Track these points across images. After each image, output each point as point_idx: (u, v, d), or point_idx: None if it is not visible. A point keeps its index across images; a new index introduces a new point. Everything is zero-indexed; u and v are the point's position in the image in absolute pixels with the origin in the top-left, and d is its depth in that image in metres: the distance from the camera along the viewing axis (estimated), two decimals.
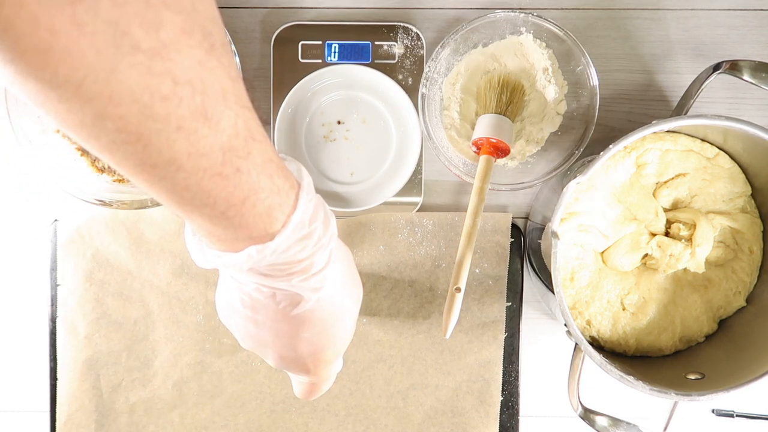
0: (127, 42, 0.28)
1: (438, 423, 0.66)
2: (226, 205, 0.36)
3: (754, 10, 0.66)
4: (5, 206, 0.67)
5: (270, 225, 0.39)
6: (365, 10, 0.66)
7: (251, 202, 0.37)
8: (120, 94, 0.29)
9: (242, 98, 0.35)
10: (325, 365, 0.48)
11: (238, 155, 0.35)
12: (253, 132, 0.36)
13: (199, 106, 0.32)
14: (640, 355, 0.63)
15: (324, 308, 0.45)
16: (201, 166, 0.34)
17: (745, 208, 0.62)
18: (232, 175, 0.35)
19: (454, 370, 0.66)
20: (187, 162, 0.33)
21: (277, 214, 0.39)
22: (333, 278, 0.45)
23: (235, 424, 0.66)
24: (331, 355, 0.48)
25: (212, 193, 0.35)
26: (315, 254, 0.42)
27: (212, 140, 0.33)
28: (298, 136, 0.66)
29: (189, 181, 0.34)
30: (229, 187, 0.36)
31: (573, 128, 0.65)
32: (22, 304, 0.68)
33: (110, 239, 0.66)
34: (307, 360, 0.47)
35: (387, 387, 0.67)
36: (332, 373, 0.51)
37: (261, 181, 0.37)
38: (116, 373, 0.66)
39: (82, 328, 0.66)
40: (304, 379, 0.50)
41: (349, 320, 0.49)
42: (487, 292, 0.66)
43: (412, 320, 0.66)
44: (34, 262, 0.67)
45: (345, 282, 0.47)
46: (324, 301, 0.45)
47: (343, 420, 0.67)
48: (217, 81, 0.33)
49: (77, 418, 0.66)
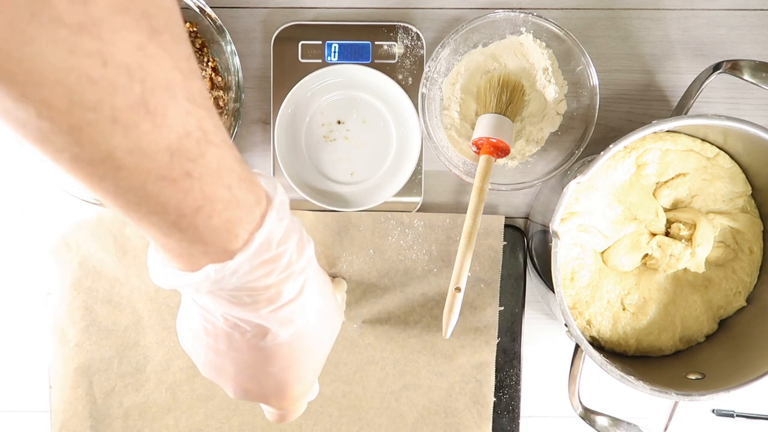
0: (48, 13, 0.25)
1: (431, 423, 0.66)
2: (176, 215, 0.33)
3: (754, 10, 0.66)
4: (5, 206, 0.67)
5: (229, 241, 0.35)
6: (365, 10, 0.66)
7: (206, 212, 0.34)
8: (40, 73, 0.26)
9: (196, 95, 0.32)
10: (292, 401, 0.44)
11: (189, 157, 0.32)
12: (209, 134, 0.33)
13: (138, 96, 0.29)
14: (640, 355, 0.63)
15: (293, 343, 0.41)
16: (144, 167, 0.31)
17: (746, 208, 0.62)
18: (181, 179, 0.32)
19: (446, 372, 0.66)
20: (128, 160, 0.30)
21: (237, 230, 0.35)
22: (306, 311, 0.41)
23: (229, 426, 0.66)
24: (298, 391, 0.44)
25: (160, 199, 0.32)
26: (285, 282, 0.38)
27: (156, 138, 0.30)
28: (298, 136, 0.66)
29: (132, 183, 0.31)
30: (178, 194, 0.32)
31: (573, 128, 0.65)
32: (22, 305, 0.68)
33: (97, 246, 0.65)
34: (271, 395, 0.43)
35: (380, 388, 0.66)
36: (302, 405, 0.47)
37: (217, 191, 0.34)
38: (109, 379, 0.66)
39: (73, 335, 0.66)
40: (270, 409, 0.46)
41: (321, 355, 0.45)
42: (480, 295, 0.66)
43: (404, 325, 0.66)
44: (33, 262, 0.67)
45: (320, 316, 0.43)
46: (295, 335, 0.41)
47: (336, 421, 0.67)
48: (161, 71, 0.30)
49: (72, 425, 0.66)
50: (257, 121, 0.67)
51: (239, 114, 0.63)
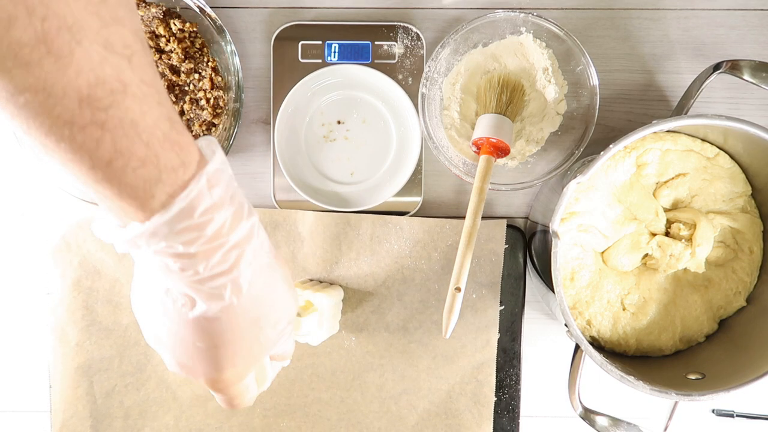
0: None
1: (432, 425, 0.66)
2: (89, 164, 0.32)
3: (754, 10, 0.66)
4: (5, 207, 0.67)
5: (146, 201, 0.34)
6: (365, 10, 0.66)
7: (119, 167, 0.32)
8: None
9: (116, 44, 0.31)
10: (225, 385, 0.42)
11: (100, 107, 0.31)
12: (129, 87, 0.32)
13: (38, 33, 0.28)
14: (640, 355, 0.63)
15: (223, 320, 0.39)
16: (53, 109, 0.30)
17: (745, 208, 0.62)
18: (90, 128, 0.31)
19: (446, 374, 0.66)
20: (37, 99, 0.30)
21: (155, 190, 0.34)
22: (239, 289, 0.39)
23: (229, 426, 0.66)
24: (230, 376, 0.41)
25: (72, 145, 0.31)
26: (211, 253, 0.36)
27: (62, 81, 0.30)
28: (298, 136, 0.66)
29: (44, 122, 0.30)
30: (89, 143, 0.31)
31: (573, 128, 0.65)
32: (22, 305, 0.68)
33: (97, 246, 0.65)
34: (201, 374, 0.41)
35: (379, 393, 0.66)
36: (242, 392, 0.44)
37: (132, 146, 0.32)
38: (109, 379, 0.66)
39: (73, 335, 0.66)
40: (213, 393, 0.44)
41: (257, 344, 0.42)
42: (481, 298, 0.66)
43: (403, 331, 0.66)
44: (32, 262, 0.67)
45: (259, 300, 0.40)
46: (224, 313, 0.39)
47: (335, 424, 0.67)
48: (69, 12, 0.29)
49: (72, 424, 0.66)
50: (257, 121, 0.67)
51: (239, 114, 0.63)
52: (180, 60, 0.63)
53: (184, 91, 0.64)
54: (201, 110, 0.64)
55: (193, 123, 0.64)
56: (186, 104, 0.64)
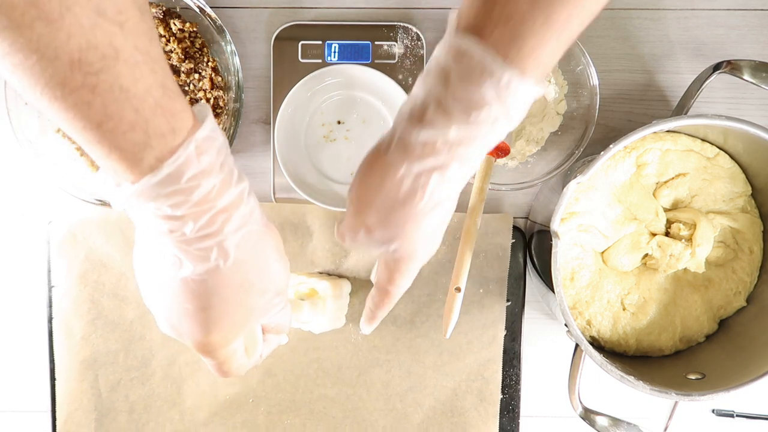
0: None
1: (437, 423, 0.66)
2: (81, 124, 0.34)
3: (754, 10, 0.66)
4: (4, 207, 0.67)
5: (135, 164, 0.36)
6: (365, 10, 0.66)
7: (108, 130, 0.34)
8: None
9: (109, 11, 0.33)
10: (212, 348, 0.43)
11: (90, 71, 0.32)
12: (121, 53, 0.33)
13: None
14: (640, 355, 0.63)
15: (208, 283, 0.40)
16: (45, 71, 0.32)
17: (745, 208, 0.62)
18: (81, 91, 0.33)
19: (453, 371, 0.66)
20: (32, 59, 0.31)
21: (143, 155, 0.35)
22: (225, 253, 0.40)
23: (233, 423, 0.67)
24: (216, 340, 0.42)
25: (64, 105, 0.33)
26: (198, 216, 0.38)
27: (54, 43, 0.31)
28: (298, 136, 0.66)
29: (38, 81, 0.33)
30: (80, 104, 0.33)
31: (573, 128, 0.65)
32: (21, 305, 0.68)
33: (103, 240, 0.65)
34: (187, 336, 0.42)
35: (385, 390, 0.66)
36: (230, 358, 0.44)
37: (122, 111, 0.34)
38: (114, 373, 0.66)
39: (78, 329, 0.66)
40: (203, 358, 0.45)
41: (242, 309, 0.42)
42: (488, 294, 0.66)
43: (410, 325, 0.66)
44: (32, 263, 0.67)
45: (246, 264, 0.41)
46: (209, 275, 0.40)
47: (340, 422, 0.67)
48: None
49: (77, 417, 0.66)
50: (257, 121, 0.67)
51: (239, 114, 0.63)
52: (180, 60, 0.63)
53: (184, 91, 0.64)
54: None
55: None
56: None
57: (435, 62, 0.38)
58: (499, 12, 0.35)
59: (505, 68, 0.35)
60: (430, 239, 0.45)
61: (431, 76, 0.38)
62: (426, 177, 0.40)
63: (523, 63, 0.36)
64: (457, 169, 0.40)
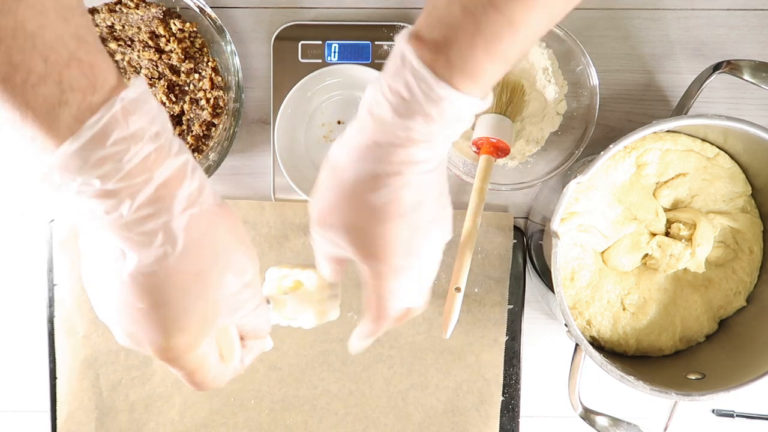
0: None
1: (438, 422, 0.66)
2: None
3: (754, 10, 0.66)
4: (5, 206, 0.67)
5: (50, 126, 0.31)
6: (365, 10, 0.66)
7: (16, 84, 0.30)
8: None
9: None
10: (176, 354, 0.37)
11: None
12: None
13: None
14: (640, 355, 0.63)
15: (159, 275, 0.35)
16: None
17: (745, 208, 0.62)
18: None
19: (454, 370, 0.66)
20: None
21: (59, 112, 0.31)
22: (173, 237, 0.35)
23: (234, 422, 0.67)
24: (181, 343, 0.36)
25: None
26: (135, 192, 0.33)
27: None
28: (298, 136, 0.66)
29: None
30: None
31: (573, 128, 0.65)
32: (21, 306, 0.68)
33: None
34: (147, 340, 0.37)
35: (387, 387, 0.67)
36: (199, 363, 0.38)
37: (30, 61, 0.30)
38: (115, 372, 0.66)
39: (81, 327, 0.66)
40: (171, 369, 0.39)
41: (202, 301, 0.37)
42: (489, 293, 0.66)
43: (411, 321, 0.66)
44: (32, 263, 0.67)
45: (204, 250, 0.36)
46: (159, 265, 0.35)
47: (342, 419, 0.67)
48: None
49: (78, 416, 0.66)
50: (257, 121, 0.67)
51: (239, 114, 0.63)
52: (180, 60, 0.63)
53: (184, 91, 0.64)
54: (201, 110, 0.64)
55: (193, 123, 0.64)
56: (186, 104, 0.64)
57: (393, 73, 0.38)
58: (446, 46, 0.36)
59: (444, 87, 0.37)
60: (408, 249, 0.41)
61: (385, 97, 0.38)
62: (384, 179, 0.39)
63: (460, 83, 0.37)
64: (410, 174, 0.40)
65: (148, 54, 0.63)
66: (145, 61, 0.63)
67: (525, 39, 0.37)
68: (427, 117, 0.37)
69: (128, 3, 0.62)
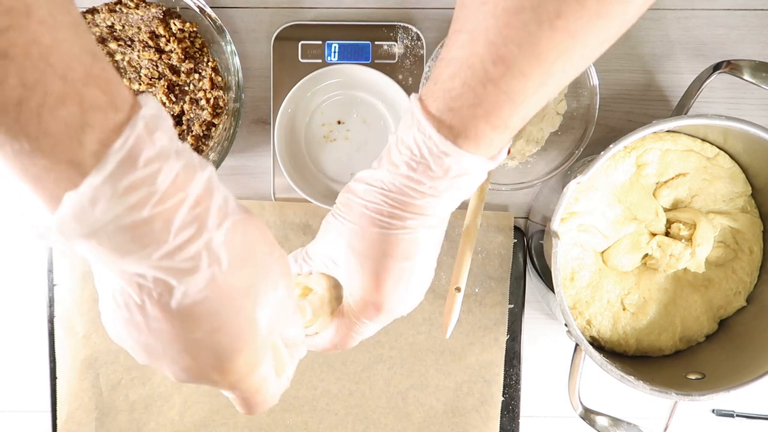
0: None
1: (438, 423, 0.66)
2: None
3: (754, 10, 0.66)
4: (3, 207, 0.67)
5: (74, 152, 0.28)
6: (365, 10, 0.66)
7: (32, 108, 0.26)
8: None
9: None
10: (239, 376, 0.35)
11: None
12: (33, 9, 0.26)
13: None
14: (640, 355, 0.63)
15: (211, 298, 0.33)
16: None
17: (745, 208, 0.62)
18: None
19: (454, 371, 0.66)
20: None
21: (82, 137, 0.28)
22: (215, 254, 0.32)
23: (234, 422, 0.67)
24: (241, 364, 0.35)
25: None
26: (171, 216, 0.30)
27: None
28: (298, 136, 0.66)
29: None
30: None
31: (573, 128, 0.65)
32: (21, 306, 0.68)
33: None
34: (210, 370, 0.34)
35: (387, 387, 0.67)
36: (260, 384, 0.37)
37: (46, 80, 0.26)
38: (115, 372, 0.66)
39: (81, 327, 0.66)
40: (229, 394, 0.38)
41: (255, 313, 0.35)
42: (489, 293, 0.66)
43: (412, 321, 0.66)
44: (32, 263, 0.67)
45: (245, 263, 0.34)
46: (208, 288, 0.33)
47: (342, 419, 0.67)
48: None
49: (78, 416, 0.66)
50: (257, 121, 0.67)
51: (239, 114, 0.63)
52: (180, 60, 0.63)
53: (184, 91, 0.64)
54: (201, 110, 0.64)
55: (193, 123, 0.64)
56: (186, 104, 0.64)
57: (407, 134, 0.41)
58: (449, 115, 0.40)
59: (449, 146, 0.40)
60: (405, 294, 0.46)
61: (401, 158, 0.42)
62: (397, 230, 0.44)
63: (465, 145, 0.40)
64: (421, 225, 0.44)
65: (148, 54, 0.63)
66: (145, 61, 0.63)
67: (526, 110, 0.40)
68: (433, 173, 0.41)
69: (128, 3, 0.62)
